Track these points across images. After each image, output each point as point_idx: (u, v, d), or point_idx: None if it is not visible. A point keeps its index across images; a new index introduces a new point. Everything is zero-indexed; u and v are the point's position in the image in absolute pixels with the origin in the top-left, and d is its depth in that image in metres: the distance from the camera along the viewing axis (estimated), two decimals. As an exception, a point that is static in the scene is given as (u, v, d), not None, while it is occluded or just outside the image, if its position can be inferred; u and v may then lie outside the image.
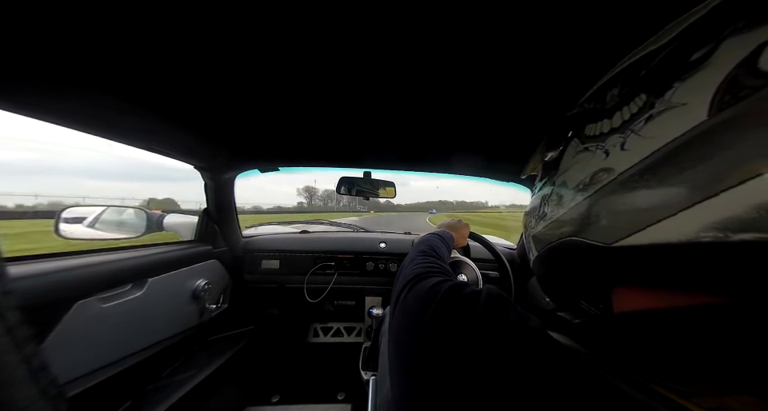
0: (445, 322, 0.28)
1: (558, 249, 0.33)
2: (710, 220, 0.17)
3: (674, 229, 0.19)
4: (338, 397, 1.48)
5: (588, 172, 0.27)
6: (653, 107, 0.21)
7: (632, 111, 0.24)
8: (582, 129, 0.31)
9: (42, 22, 0.43)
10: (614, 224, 0.24)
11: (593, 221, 0.26)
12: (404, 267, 0.50)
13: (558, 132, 0.38)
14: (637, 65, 0.26)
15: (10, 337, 0.21)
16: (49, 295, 0.62)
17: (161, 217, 1.25)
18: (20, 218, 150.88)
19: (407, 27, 0.46)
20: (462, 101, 0.72)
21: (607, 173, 0.25)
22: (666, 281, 0.22)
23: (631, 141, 0.23)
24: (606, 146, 0.26)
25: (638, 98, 0.23)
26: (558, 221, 0.33)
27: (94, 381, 0.73)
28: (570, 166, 0.32)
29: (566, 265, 0.34)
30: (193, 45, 0.51)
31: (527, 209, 0.47)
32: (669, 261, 0.20)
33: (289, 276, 1.47)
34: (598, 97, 0.30)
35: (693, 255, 0.18)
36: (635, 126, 0.23)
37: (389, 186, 1.41)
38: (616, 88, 0.27)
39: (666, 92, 0.21)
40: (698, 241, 0.17)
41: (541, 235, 0.37)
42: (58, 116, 0.66)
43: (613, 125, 0.25)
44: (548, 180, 0.38)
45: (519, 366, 0.22)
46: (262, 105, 0.79)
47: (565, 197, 0.31)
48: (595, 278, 0.30)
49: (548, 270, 0.40)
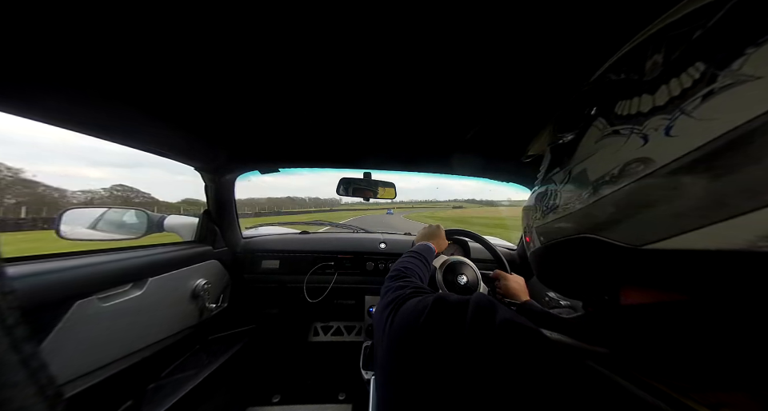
0: (435, 332, 0.27)
1: (566, 245, 0.30)
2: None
3: (721, 235, 0.16)
4: (339, 397, 1.48)
5: (618, 161, 0.23)
6: (714, 80, 0.17)
7: (684, 85, 0.18)
8: (611, 106, 0.25)
9: (41, 23, 0.43)
10: (645, 225, 0.20)
11: (618, 220, 0.22)
12: (381, 296, 0.48)
13: (574, 108, 0.33)
14: (685, 23, 0.20)
15: (10, 337, 0.21)
16: (49, 295, 0.62)
17: (161, 218, 1.26)
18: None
19: (406, 27, 0.46)
20: (461, 101, 0.72)
21: (644, 165, 0.20)
22: (691, 288, 0.19)
23: (681, 124, 0.18)
24: (644, 130, 0.21)
25: (693, 68, 0.18)
26: (573, 215, 0.29)
27: (95, 380, 0.73)
28: (592, 152, 0.27)
29: (573, 262, 0.31)
30: (193, 46, 0.52)
31: (529, 201, 0.43)
32: (704, 268, 0.17)
33: (289, 275, 1.47)
34: (632, 64, 0.24)
35: (737, 264, 0.16)
36: (688, 106, 0.18)
37: (388, 187, 1.41)
38: (659, 53, 0.21)
39: (735, 61, 0.16)
40: (750, 250, 0.15)
41: (547, 228, 0.34)
42: (58, 118, 0.66)
43: (656, 103, 0.20)
44: (559, 168, 0.34)
45: (510, 369, 0.22)
46: (262, 106, 0.79)
47: (582, 189, 0.27)
48: (606, 277, 0.27)
49: (550, 264, 0.37)
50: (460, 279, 1.01)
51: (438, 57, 0.53)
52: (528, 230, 0.42)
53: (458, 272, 1.03)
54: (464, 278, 1.02)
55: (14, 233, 57.85)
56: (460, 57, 0.53)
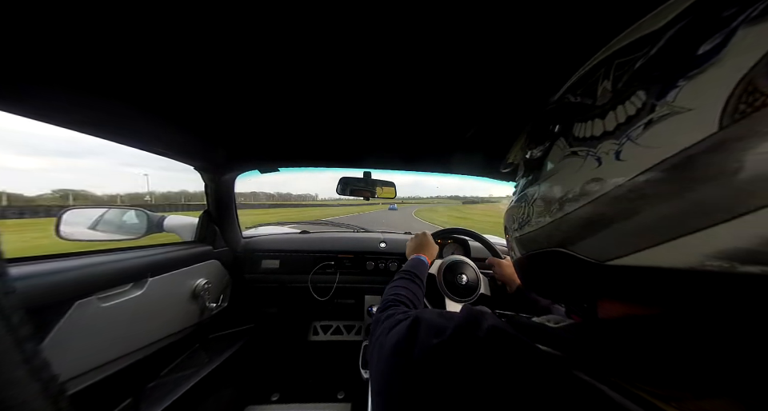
0: (420, 345, 0.28)
1: (541, 257, 0.31)
2: (717, 248, 0.15)
3: (675, 254, 0.17)
4: (338, 396, 1.49)
5: (578, 181, 0.24)
6: (653, 110, 0.18)
7: (628, 112, 0.20)
8: (570, 128, 0.27)
9: (41, 23, 0.43)
10: (606, 241, 0.21)
11: (583, 236, 0.24)
12: (372, 331, 0.49)
13: (541, 124, 0.34)
14: (631, 50, 0.22)
15: (12, 337, 0.22)
16: (49, 295, 0.63)
17: (161, 218, 1.26)
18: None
19: (405, 26, 0.46)
20: (461, 100, 0.72)
21: (600, 185, 0.22)
22: (657, 301, 0.20)
23: (628, 149, 0.20)
24: (597, 153, 0.22)
25: (636, 97, 0.20)
26: (543, 229, 0.30)
27: (95, 379, 0.74)
28: (557, 170, 0.29)
29: (549, 273, 0.32)
30: (193, 45, 0.52)
31: (509, 207, 0.44)
32: (666, 284, 0.18)
33: (289, 275, 1.48)
34: (587, 89, 0.26)
35: (694, 282, 0.17)
36: (632, 133, 0.19)
37: (388, 186, 1.41)
38: (608, 80, 0.23)
39: (669, 92, 0.18)
40: (702, 269, 0.16)
41: (524, 240, 0.35)
42: (57, 117, 0.66)
43: (606, 128, 0.22)
44: (532, 180, 0.35)
45: (492, 374, 0.22)
46: (262, 105, 0.79)
47: (551, 204, 0.28)
48: (581, 289, 0.28)
49: (529, 274, 0.38)
50: (460, 278, 1.02)
51: (437, 55, 0.53)
52: (508, 237, 0.44)
53: (458, 271, 1.03)
54: (464, 278, 1.02)
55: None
56: (460, 56, 0.53)
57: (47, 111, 0.63)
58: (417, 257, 0.87)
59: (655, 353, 0.20)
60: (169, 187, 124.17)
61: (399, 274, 0.76)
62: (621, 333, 0.22)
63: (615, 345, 0.22)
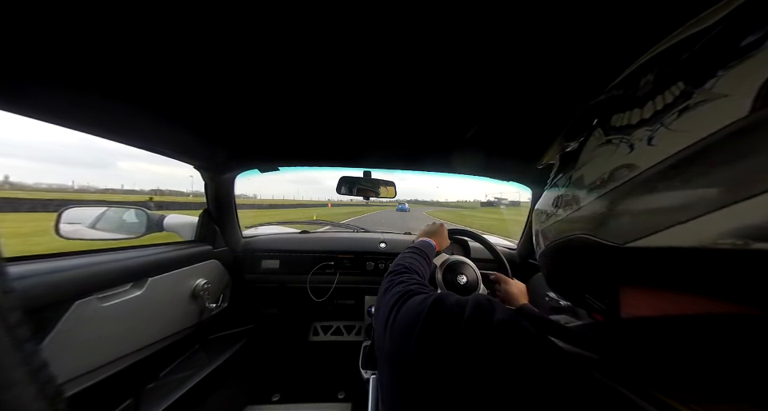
0: (434, 333, 0.28)
1: (565, 245, 0.32)
2: (732, 226, 0.15)
3: (691, 233, 0.17)
4: (339, 396, 1.49)
5: (608, 168, 0.25)
6: (690, 97, 0.19)
7: (666, 101, 0.21)
8: (608, 119, 0.28)
9: (42, 22, 0.43)
10: (628, 224, 0.22)
11: (606, 220, 0.25)
12: (383, 292, 0.48)
13: (581, 120, 0.35)
14: (678, 48, 0.22)
15: (10, 337, 0.21)
16: (48, 295, 0.62)
17: (161, 217, 1.26)
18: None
19: (406, 25, 0.46)
20: (462, 100, 0.72)
21: (629, 170, 0.22)
22: (676, 284, 0.21)
23: (660, 135, 0.20)
24: (631, 140, 0.23)
25: (675, 86, 0.21)
26: (568, 217, 0.31)
27: (94, 380, 0.73)
28: (588, 160, 0.30)
29: (573, 262, 0.33)
30: (192, 45, 0.51)
31: (538, 205, 0.45)
32: (682, 265, 0.19)
33: (289, 275, 1.47)
34: (630, 83, 0.27)
35: (708, 261, 0.17)
36: (666, 119, 0.20)
37: (389, 186, 1.41)
38: (652, 73, 0.24)
39: (708, 81, 0.18)
40: (715, 247, 0.16)
41: (549, 231, 0.36)
42: (58, 116, 0.66)
43: (643, 116, 0.23)
44: (564, 174, 0.36)
45: (507, 371, 0.22)
46: (261, 105, 0.79)
47: (580, 195, 0.29)
48: (603, 276, 0.29)
49: (554, 265, 0.39)
50: (460, 279, 1.01)
51: (438, 55, 0.53)
52: (536, 233, 0.44)
53: (457, 272, 1.03)
54: (464, 278, 1.02)
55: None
56: (460, 56, 0.53)
57: (48, 111, 0.63)
58: (426, 241, 0.84)
59: (679, 356, 0.20)
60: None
61: (409, 249, 0.75)
62: (645, 334, 0.22)
63: (637, 346, 0.22)
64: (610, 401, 0.18)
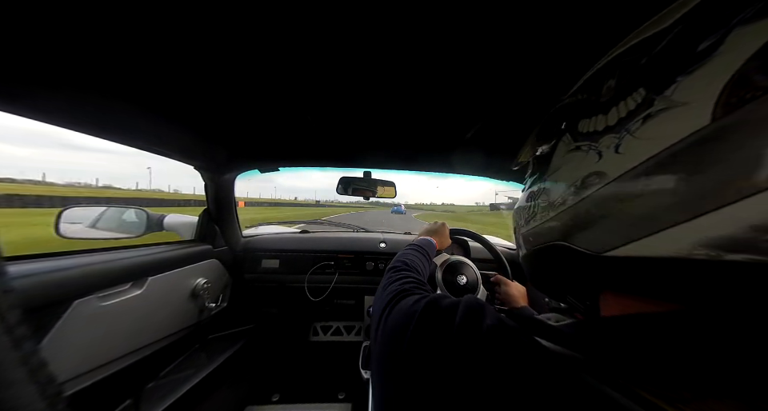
0: (425, 337, 0.28)
1: (545, 251, 0.32)
2: (704, 237, 0.15)
3: (665, 243, 0.17)
4: (339, 397, 1.49)
5: (579, 174, 0.25)
6: (652, 105, 0.19)
7: (629, 108, 0.21)
8: (576, 124, 0.28)
9: (42, 23, 0.43)
10: (604, 233, 0.22)
11: (582, 228, 0.25)
12: (381, 288, 0.48)
13: (550, 122, 0.36)
14: (637, 50, 0.23)
15: (9, 336, 0.21)
16: (48, 294, 0.62)
17: (161, 217, 1.26)
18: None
19: (405, 26, 0.46)
20: (461, 100, 0.72)
21: (599, 178, 0.22)
22: (655, 292, 0.21)
23: (626, 142, 0.20)
24: (599, 147, 0.23)
25: (637, 93, 0.21)
26: (546, 224, 0.31)
27: (94, 379, 0.73)
28: (560, 165, 0.30)
29: (553, 267, 0.33)
30: (192, 46, 0.51)
31: (517, 205, 0.45)
32: (658, 274, 0.19)
33: (289, 275, 1.47)
34: (593, 87, 0.27)
35: (683, 271, 0.17)
36: (631, 126, 0.20)
37: (389, 186, 1.41)
38: (613, 78, 0.24)
39: (668, 87, 0.18)
40: (689, 257, 0.16)
41: (529, 235, 0.36)
42: (59, 117, 0.66)
43: (608, 123, 0.23)
44: (538, 176, 0.37)
45: (496, 370, 0.22)
46: (261, 105, 0.79)
47: (555, 198, 0.29)
48: (584, 282, 0.29)
49: (536, 269, 0.39)
50: (459, 279, 1.01)
51: (438, 55, 0.53)
52: (516, 234, 0.44)
53: (458, 272, 1.03)
54: (464, 279, 1.02)
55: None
56: (460, 56, 0.53)
57: (48, 111, 0.63)
58: (428, 239, 0.83)
59: (660, 353, 0.20)
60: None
61: (410, 246, 0.74)
62: (624, 331, 0.23)
63: (618, 343, 0.22)
64: (594, 401, 0.18)
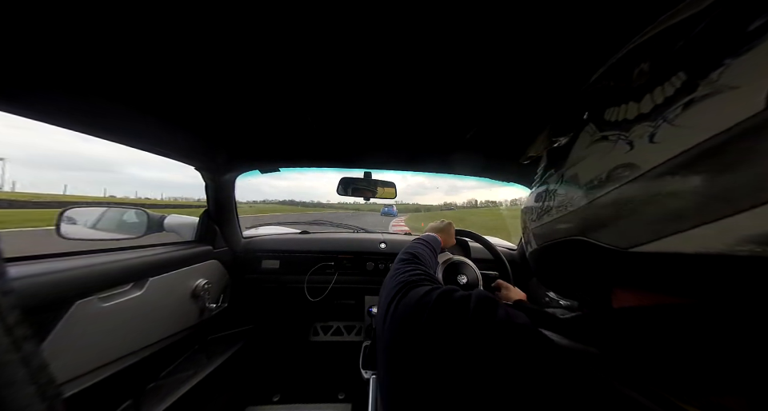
0: (439, 327, 0.27)
1: (559, 246, 0.31)
2: (751, 232, 0.14)
3: (703, 239, 0.16)
4: (339, 397, 1.49)
5: (605, 167, 0.23)
6: (695, 90, 0.17)
7: (667, 93, 0.19)
8: (601, 113, 0.26)
9: (43, 25, 0.43)
10: (631, 228, 0.21)
11: (606, 223, 0.23)
12: (389, 277, 0.48)
13: (569, 113, 0.33)
14: (673, 32, 0.20)
15: (10, 337, 0.21)
16: (49, 295, 0.62)
17: (161, 217, 1.26)
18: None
19: (406, 27, 0.46)
20: (461, 100, 0.72)
21: (629, 170, 0.21)
22: (674, 288, 0.20)
23: (663, 131, 0.19)
24: (630, 136, 0.21)
25: (676, 77, 0.19)
26: (563, 218, 0.29)
27: (94, 380, 0.73)
28: (582, 157, 0.28)
29: (566, 263, 0.32)
30: (193, 47, 0.52)
31: (527, 201, 0.43)
32: (685, 270, 0.18)
33: (289, 276, 1.47)
34: (621, 72, 0.25)
35: (715, 266, 0.16)
36: (670, 113, 0.18)
37: (389, 187, 1.41)
38: (646, 62, 0.22)
39: (714, 71, 0.16)
40: (730, 254, 0.15)
41: (542, 231, 0.35)
42: (60, 118, 0.66)
43: (641, 111, 0.21)
44: (554, 170, 0.34)
45: (509, 362, 0.22)
46: (262, 106, 0.79)
47: (574, 192, 0.28)
48: (597, 278, 0.28)
49: (546, 265, 0.38)
50: (460, 279, 1.01)
51: (438, 56, 0.53)
52: (525, 231, 0.43)
53: (458, 271, 1.03)
54: (464, 278, 1.01)
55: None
56: (460, 57, 0.53)
57: (50, 112, 0.63)
58: (434, 236, 0.84)
59: (674, 345, 0.19)
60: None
61: (417, 240, 0.74)
62: (642, 321, 0.22)
63: (636, 334, 0.22)
64: (605, 397, 0.18)
